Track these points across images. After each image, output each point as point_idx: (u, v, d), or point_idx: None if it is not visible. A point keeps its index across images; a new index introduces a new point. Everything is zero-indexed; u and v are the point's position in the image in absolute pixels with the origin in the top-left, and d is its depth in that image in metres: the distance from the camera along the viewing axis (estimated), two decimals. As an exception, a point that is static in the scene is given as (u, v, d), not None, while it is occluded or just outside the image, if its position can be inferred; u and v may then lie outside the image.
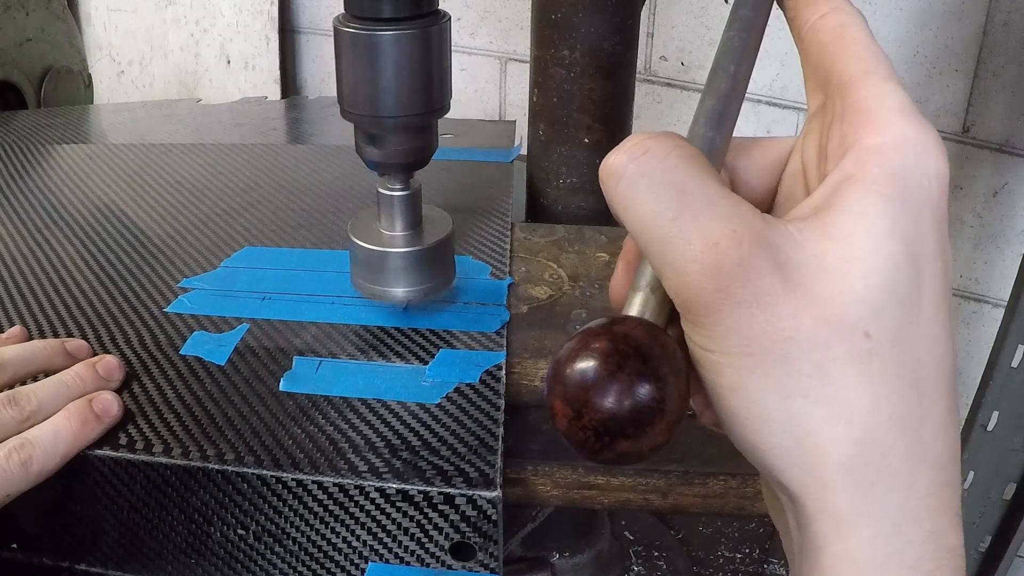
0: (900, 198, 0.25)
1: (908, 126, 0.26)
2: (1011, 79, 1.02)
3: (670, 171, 0.26)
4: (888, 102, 0.27)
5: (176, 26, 1.45)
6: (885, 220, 0.25)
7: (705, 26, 1.14)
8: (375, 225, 0.57)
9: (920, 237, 0.26)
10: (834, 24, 0.30)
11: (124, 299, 0.62)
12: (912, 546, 0.25)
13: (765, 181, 0.32)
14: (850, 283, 0.25)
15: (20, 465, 0.45)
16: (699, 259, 0.25)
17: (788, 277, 0.25)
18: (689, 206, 0.25)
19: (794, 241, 0.25)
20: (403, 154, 0.53)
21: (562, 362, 0.26)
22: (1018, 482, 0.98)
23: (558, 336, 0.59)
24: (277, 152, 0.90)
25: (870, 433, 0.25)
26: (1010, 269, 1.05)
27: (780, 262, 0.25)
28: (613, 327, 0.26)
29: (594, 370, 0.25)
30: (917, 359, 0.26)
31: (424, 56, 0.50)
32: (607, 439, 0.25)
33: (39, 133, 0.97)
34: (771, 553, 0.92)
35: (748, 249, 0.25)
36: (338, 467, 0.47)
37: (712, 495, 0.59)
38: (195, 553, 0.49)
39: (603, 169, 0.27)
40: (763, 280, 0.25)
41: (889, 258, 0.25)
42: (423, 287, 0.57)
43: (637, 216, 0.26)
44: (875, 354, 0.25)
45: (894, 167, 0.26)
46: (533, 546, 0.83)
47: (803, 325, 0.25)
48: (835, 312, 0.25)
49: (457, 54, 1.27)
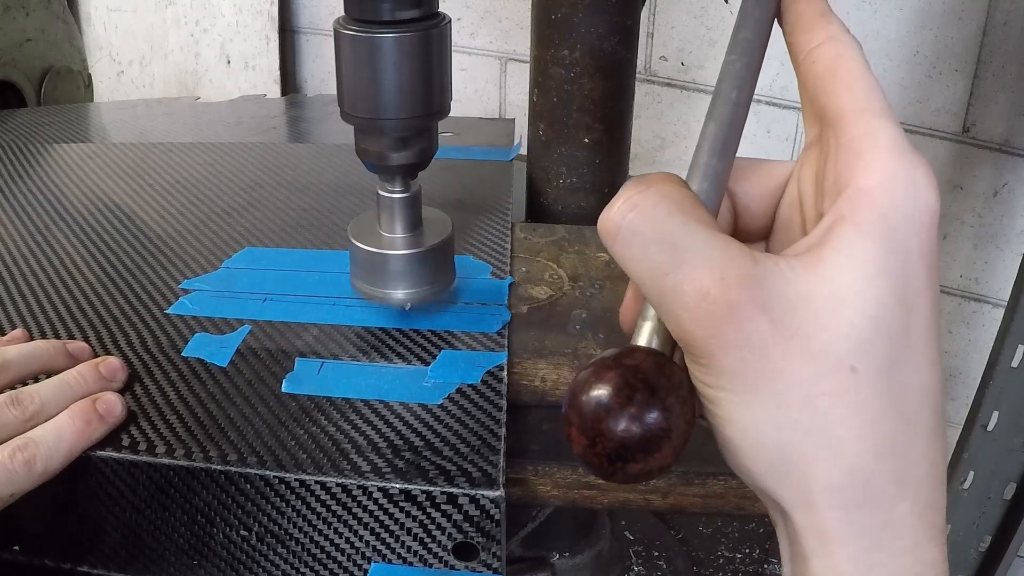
0: (890, 238, 0.27)
1: (898, 165, 0.27)
2: (1011, 79, 1.02)
3: (659, 225, 0.28)
4: (879, 141, 0.28)
5: (176, 26, 1.45)
6: (874, 261, 0.27)
7: (705, 26, 1.14)
8: (375, 227, 0.57)
9: (909, 273, 0.27)
10: (829, 55, 0.31)
11: (125, 300, 0.62)
12: (893, 558, 0.27)
13: (764, 207, 0.34)
14: (837, 321, 0.26)
15: (24, 464, 0.45)
16: (692, 309, 0.27)
17: (777, 319, 0.27)
18: (680, 260, 0.27)
19: (784, 278, 0.27)
20: (403, 157, 0.53)
21: (577, 393, 0.28)
22: (1018, 482, 0.98)
23: (558, 336, 0.59)
24: (277, 151, 0.90)
25: (855, 460, 0.27)
26: (1010, 269, 1.05)
27: (768, 304, 0.27)
28: (624, 360, 0.28)
29: (607, 402, 0.27)
30: (903, 389, 0.27)
31: (424, 59, 0.50)
32: (619, 463, 0.27)
33: (39, 131, 0.98)
34: (771, 553, 0.92)
35: (736, 295, 0.26)
36: (341, 467, 0.47)
37: (712, 495, 0.59)
38: (198, 554, 0.49)
39: (600, 227, 0.29)
40: (752, 323, 0.26)
41: (876, 297, 0.26)
42: (423, 289, 0.57)
43: (635, 272, 0.29)
44: (862, 387, 0.26)
45: (883, 208, 0.27)
46: (533, 546, 0.83)
47: (792, 362, 0.26)
48: (823, 349, 0.26)
49: (457, 54, 1.27)
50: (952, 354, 1.18)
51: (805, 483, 0.27)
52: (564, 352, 0.58)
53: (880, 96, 0.29)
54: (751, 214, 0.34)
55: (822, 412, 0.27)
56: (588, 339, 0.59)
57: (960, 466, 1.00)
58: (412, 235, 0.57)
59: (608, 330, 0.60)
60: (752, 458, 0.28)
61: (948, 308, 1.16)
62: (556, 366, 0.57)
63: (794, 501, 0.28)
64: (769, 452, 0.27)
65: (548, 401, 0.58)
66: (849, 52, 0.31)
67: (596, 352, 0.57)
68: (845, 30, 0.31)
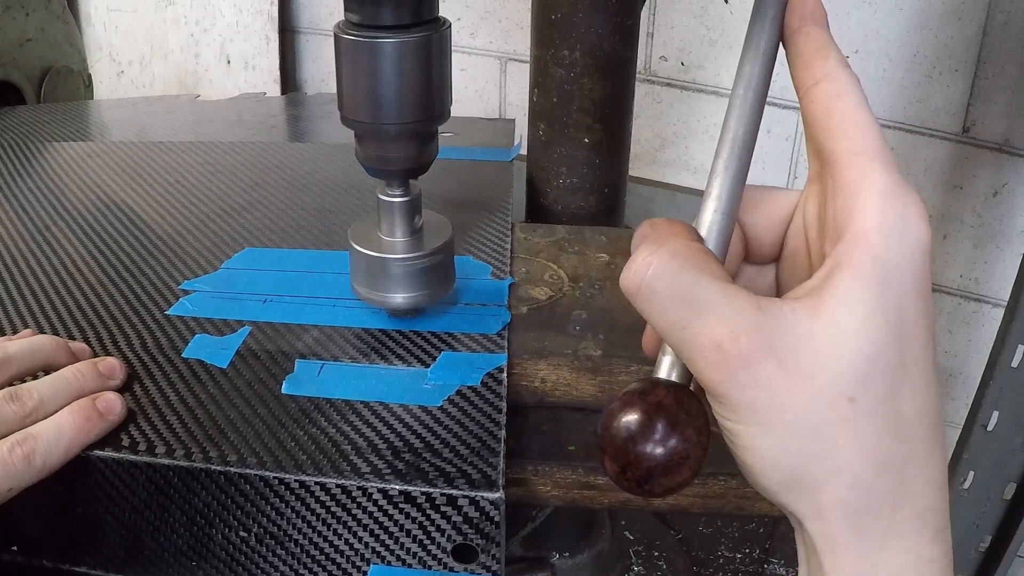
0: (884, 279, 0.30)
1: (889, 207, 0.30)
2: (1011, 79, 1.02)
3: (673, 284, 0.32)
4: (872, 185, 0.31)
5: (176, 26, 1.45)
6: (869, 302, 0.30)
7: (705, 26, 1.14)
8: (375, 231, 0.57)
9: (904, 307, 0.30)
10: (827, 95, 0.33)
11: (125, 301, 0.62)
12: (895, 557, 0.31)
13: (772, 236, 0.37)
14: (836, 360, 0.30)
15: (23, 459, 0.45)
16: (707, 359, 0.31)
17: (783, 360, 0.30)
18: (694, 315, 0.31)
19: (789, 323, 0.30)
20: (403, 161, 0.53)
21: (609, 426, 0.33)
22: (1018, 482, 0.98)
23: (558, 337, 0.59)
24: (277, 150, 0.90)
25: (857, 477, 0.30)
26: (1010, 269, 1.05)
27: (774, 348, 0.30)
28: (647, 397, 0.32)
29: (633, 435, 0.32)
30: (900, 413, 0.30)
31: (424, 64, 0.50)
32: (646, 485, 0.32)
33: (39, 129, 0.97)
34: (771, 553, 0.92)
35: (746, 345, 0.30)
36: (341, 468, 0.47)
37: (712, 495, 0.59)
38: (197, 555, 0.49)
39: (621, 285, 0.33)
40: (761, 367, 0.30)
41: (871, 336, 0.30)
42: (423, 293, 0.57)
43: (656, 325, 0.32)
44: (861, 416, 0.30)
45: (877, 251, 0.30)
46: (533, 546, 0.83)
47: (798, 399, 0.30)
48: (824, 385, 0.30)
49: (457, 54, 1.27)
50: (952, 354, 1.18)
51: (814, 499, 0.31)
52: (564, 353, 0.58)
53: (874, 135, 0.32)
54: (760, 242, 0.37)
55: (826, 439, 0.30)
56: (588, 340, 0.59)
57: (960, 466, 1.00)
58: (412, 239, 0.57)
59: (608, 330, 0.60)
60: (767, 478, 0.32)
61: (948, 308, 1.16)
62: (556, 367, 0.57)
63: (805, 513, 0.31)
64: (781, 473, 0.31)
65: (548, 402, 0.58)
66: (846, 91, 0.33)
67: (596, 353, 0.57)
68: (843, 65, 0.33)
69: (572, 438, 0.59)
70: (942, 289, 1.15)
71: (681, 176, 1.22)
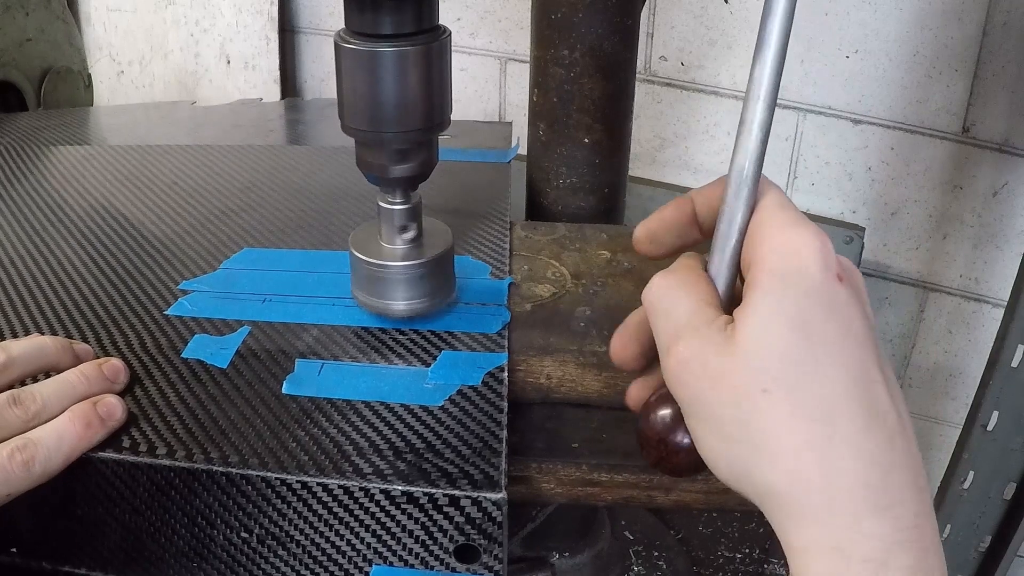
0: (781, 290, 0.36)
1: (783, 235, 0.37)
2: (1011, 79, 1.02)
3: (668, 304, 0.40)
4: (775, 221, 0.38)
5: (176, 26, 1.45)
6: (771, 308, 0.36)
7: (705, 26, 1.14)
8: (375, 238, 0.57)
9: (805, 310, 0.36)
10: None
11: (124, 302, 0.62)
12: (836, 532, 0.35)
13: None
14: (748, 359, 0.36)
15: (22, 465, 0.45)
16: (666, 359, 0.39)
17: (713, 368, 0.37)
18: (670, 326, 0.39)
19: (720, 338, 0.37)
20: (404, 169, 0.54)
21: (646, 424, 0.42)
22: (1018, 482, 0.98)
23: (563, 334, 0.59)
24: (275, 153, 0.90)
25: (779, 460, 0.35)
26: (1010, 269, 1.05)
27: (706, 359, 0.37)
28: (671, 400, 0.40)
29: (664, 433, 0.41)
30: (819, 397, 0.35)
31: (425, 72, 0.50)
32: (676, 469, 0.41)
33: (37, 135, 0.97)
34: (771, 553, 0.92)
35: (685, 352, 0.38)
36: (342, 469, 0.47)
37: (714, 491, 0.59)
38: (198, 556, 0.49)
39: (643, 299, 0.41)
40: (696, 374, 0.38)
41: (776, 336, 0.36)
42: (423, 300, 0.57)
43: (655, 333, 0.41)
44: (775, 404, 0.35)
45: (775, 269, 0.36)
46: (533, 546, 0.83)
47: (725, 396, 0.37)
48: (742, 381, 0.36)
49: (457, 54, 1.27)
50: (952, 354, 1.18)
51: (754, 485, 0.37)
52: (569, 349, 0.58)
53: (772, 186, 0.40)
54: None
55: (750, 427, 0.36)
56: (592, 336, 0.59)
57: (960, 466, 1.00)
58: (412, 246, 0.57)
59: (612, 327, 0.60)
60: (719, 470, 0.38)
61: (948, 308, 1.16)
62: (561, 363, 0.57)
63: (753, 494, 0.37)
64: (726, 461, 0.37)
65: (552, 398, 0.58)
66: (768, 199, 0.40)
67: (601, 349, 0.57)
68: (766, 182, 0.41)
69: (576, 435, 0.59)
70: (942, 289, 1.15)
71: (681, 176, 1.22)
